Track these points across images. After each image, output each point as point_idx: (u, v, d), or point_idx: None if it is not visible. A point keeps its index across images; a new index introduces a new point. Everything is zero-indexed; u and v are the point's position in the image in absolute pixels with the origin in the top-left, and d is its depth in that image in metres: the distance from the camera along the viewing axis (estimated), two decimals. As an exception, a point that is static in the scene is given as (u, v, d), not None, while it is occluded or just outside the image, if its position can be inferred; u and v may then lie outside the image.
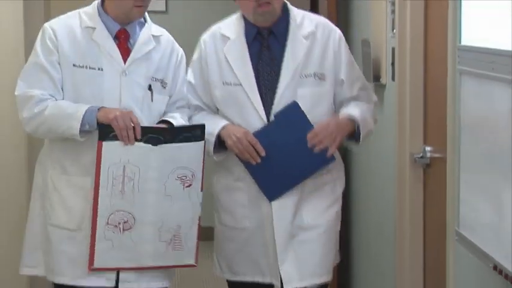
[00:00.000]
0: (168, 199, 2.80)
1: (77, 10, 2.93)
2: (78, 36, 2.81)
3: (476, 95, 2.53)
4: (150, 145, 2.76)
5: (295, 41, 2.94)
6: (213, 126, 2.91)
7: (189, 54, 3.08)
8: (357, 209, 4.57)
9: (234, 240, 3.00)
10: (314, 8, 5.20)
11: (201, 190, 2.86)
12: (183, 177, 2.81)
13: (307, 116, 2.92)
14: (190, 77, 3.01)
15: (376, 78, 3.94)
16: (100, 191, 2.75)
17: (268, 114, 2.93)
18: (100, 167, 2.74)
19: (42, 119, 2.77)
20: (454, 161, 2.72)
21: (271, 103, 2.92)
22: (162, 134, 2.81)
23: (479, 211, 2.53)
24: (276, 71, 2.93)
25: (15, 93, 2.84)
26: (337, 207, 3.06)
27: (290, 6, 3.02)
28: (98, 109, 2.77)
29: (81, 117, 2.73)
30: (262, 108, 2.92)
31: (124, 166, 2.75)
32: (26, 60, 3.03)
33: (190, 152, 2.82)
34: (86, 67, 2.80)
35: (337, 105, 3.03)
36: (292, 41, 2.93)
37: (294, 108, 2.92)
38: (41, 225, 2.89)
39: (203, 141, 2.84)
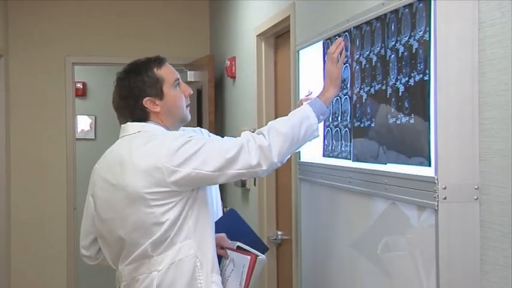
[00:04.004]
0: None
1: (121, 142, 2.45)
2: None
3: (310, 194, 2.82)
4: None
5: None
6: None
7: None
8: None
9: None
10: (200, 124, 5.05)
11: None
12: None
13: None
14: None
15: (243, 184, 4.26)
16: None
17: None
18: (250, 280, 2.46)
19: (282, 140, 2.28)
20: (297, 241, 3.07)
21: None
22: None
23: (316, 274, 2.78)
24: None
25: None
26: None
27: None
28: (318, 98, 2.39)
29: (311, 111, 2.33)
30: None
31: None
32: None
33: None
34: None
35: None
36: None
37: (232, 215, 2.68)
38: None
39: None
